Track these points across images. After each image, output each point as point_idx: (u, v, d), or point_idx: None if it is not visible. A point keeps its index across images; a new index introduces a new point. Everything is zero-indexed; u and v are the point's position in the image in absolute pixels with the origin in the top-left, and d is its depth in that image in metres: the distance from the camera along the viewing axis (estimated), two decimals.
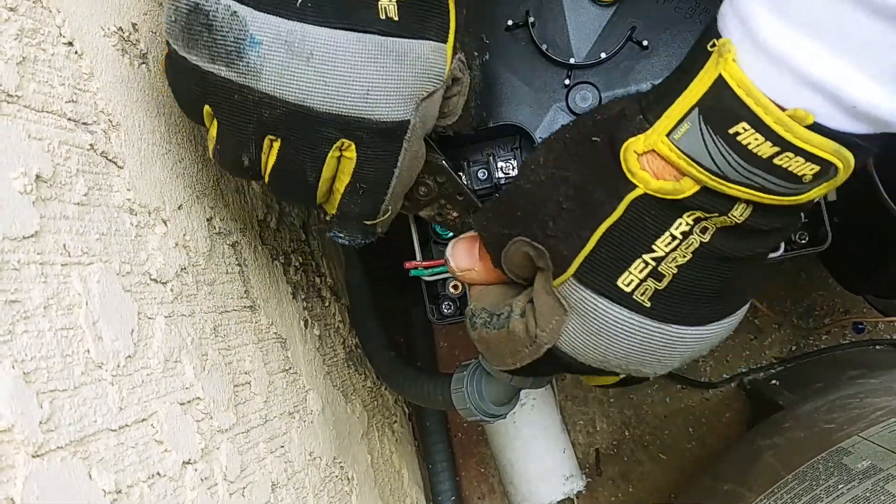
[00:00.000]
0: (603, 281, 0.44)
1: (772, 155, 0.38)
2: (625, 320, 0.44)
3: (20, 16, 0.42)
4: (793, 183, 0.39)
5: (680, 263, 0.43)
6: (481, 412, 0.67)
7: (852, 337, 1.19)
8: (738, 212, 0.41)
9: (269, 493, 0.60)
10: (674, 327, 0.45)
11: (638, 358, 0.46)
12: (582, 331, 0.46)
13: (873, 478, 0.61)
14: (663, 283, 0.43)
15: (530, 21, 0.65)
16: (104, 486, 0.40)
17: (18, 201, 0.38)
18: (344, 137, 0.49)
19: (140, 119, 0.53)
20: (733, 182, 0.39)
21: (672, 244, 0.42)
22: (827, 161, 0.37)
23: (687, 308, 0.44)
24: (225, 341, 0.59)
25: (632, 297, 0.44)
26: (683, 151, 0.40)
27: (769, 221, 0.42)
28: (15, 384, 0.35)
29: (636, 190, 0.42)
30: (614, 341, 0.45)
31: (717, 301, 0.45)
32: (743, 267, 0.44)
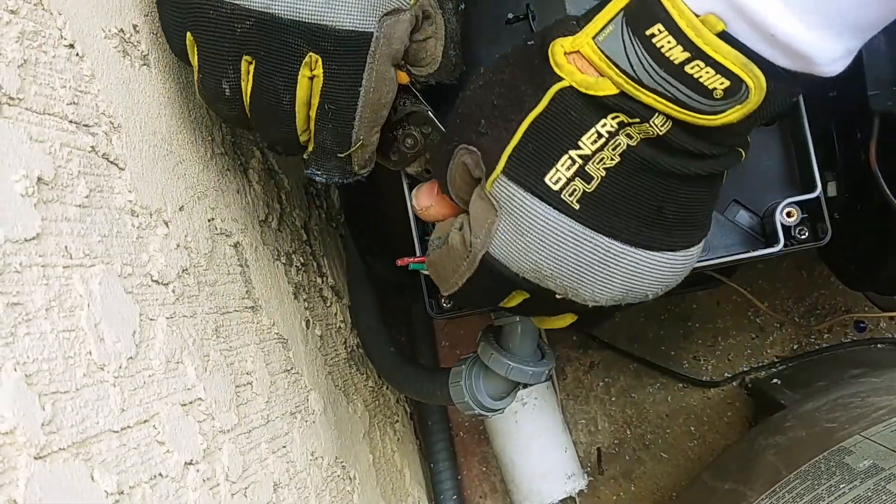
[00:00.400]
0: (530, 176, 0.44)
1: (683, 61, 0.39)
2: (552, 220, 0.44)
3: (21, 18, 0.42)
4: (704, 97, 0.39)
5: (608, 166, 0.43)
6: (479, 406, 0.67)
7: (854, 336, 1.18)
8: (659, 121, 0.41)
9: (271, 494, 0.60)
10: (606, 239, 0.44)
11: (571, 270, 0.45)
12: (511, 231, 0.45)
13: (875, 477, 0.61)
14: (592, 186, 0.43)
15: (531, 15, 0.65)
16: (106, 488, 0.40)
17: (20, 204, 0.38)
18: (311, 50, 0.50)
19: (141, 121, 0.53)
20: (648, 88, 0.40)
21: (598, 142, 0.43)
22: (736, 76, 0.38)
23: (620, 221, 0.44)
24: (226, 342, 0.59)
25: (559, 195, 0.44)
26: (604, 52, 0.41)
27: (695, 143, 0.42)
28: (17, 386, 0.35)
29: (561, 82, 0.43)
30: (543, 244, 0.45)
31: (656, 224, 0.45)
32: (682, 191, 0.44)
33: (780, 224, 0.62)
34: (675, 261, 0.46)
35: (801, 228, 0.64)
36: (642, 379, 1.23)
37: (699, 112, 0.40)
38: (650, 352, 1.21)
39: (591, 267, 0.45)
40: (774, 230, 0.62)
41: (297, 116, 0.53)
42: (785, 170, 0.66)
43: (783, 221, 0.63)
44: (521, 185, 0.44)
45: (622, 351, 1.22)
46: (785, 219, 0.63)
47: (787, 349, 1.20)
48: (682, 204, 0.45)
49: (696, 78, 0.39)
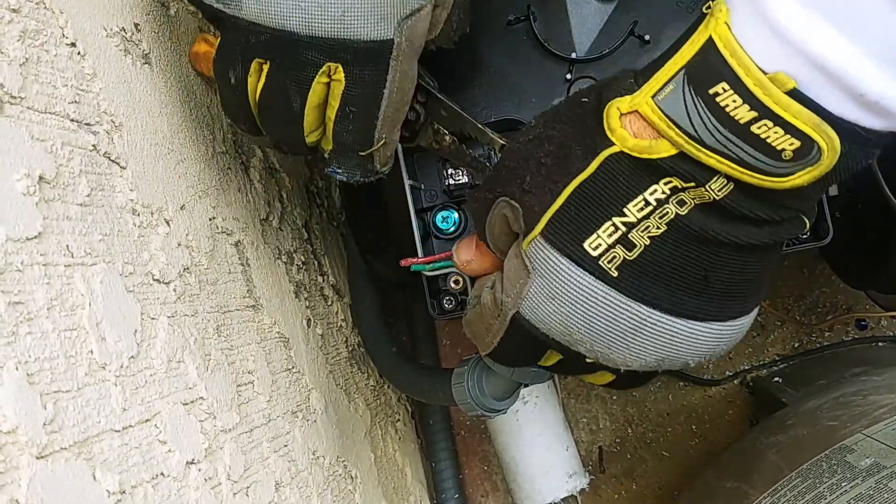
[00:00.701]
0: (568, 241, 0.42)
1: (749, 121, 0.36)
2: (587, 286, 0.42)
3: (23, 17, 0.42)
4: (771, 158, 0.37)
5: (653, 235, 0.41)
6: (482, 406, 0.67)
7: (855, 334, 1.18)
8: (717, 185, 0.39)
9: (272, 493, 0.60)
10: (643, 308, 0.42)
11: (603, 336, 0.43)
12: (543, 294, 0.44)
13: (876, 475, 0.61)
14: (633, 254, 0.41)
15: (532, 16, 0.65)
16: (108, 487, 0.40)
17: (21, 203, 0.38)
18: (329, 61, 0.49)
19: (142, 119, 0.53)
20: (710, 149, 0.38)
21: (645, 210, 0.40)
22: (808, 136, 0.36)
23: (660, 289, 0.42)
24: (228, 341, 0.59)
25: (598, 262, 0.42)
26: (664, 112, 0.39)
27: (754, 206, 0.39)
28: (19, 386, 0.35)
29: (612, 147, 0.41)
30: (575, 309, 0.43)
31: (702, 295, 0.42)
32: (732, 260, 0.41)
33: None
34: (721, 331, 0.44)
35: None
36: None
37: (765, 174, 0.38)
38: None
39: (624, 334, 0.43)
40: None
41: (306, 118, 0.53)
42: None
43: None
44: (558, 249, 0.43)
45: None
46: None
47: (788, 347, 1.20)
48: (732, 274, 0.42)
49: (763, 138, 0.36)
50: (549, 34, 0.65)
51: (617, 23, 0.64)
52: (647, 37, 0.64)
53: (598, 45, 0.65)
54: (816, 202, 0.42)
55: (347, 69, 0.50)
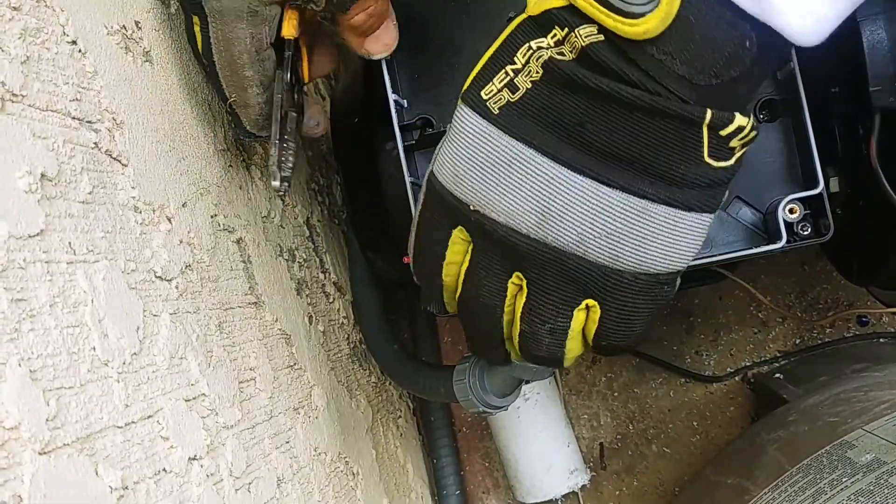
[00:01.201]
0: (473, 93, 0.46)
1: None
2: (471, 123, 0.46)
3: (24, 15, 0.42)
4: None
5: (534, 79, 0.44)
6: (483, 403, 0.67)
7: (856, 330, 1.18)
8: (585, 31, 0.41)
9: (274, 489, 0.60)
10: (518, 144, 0.45)
11: (481, 173, 0.46)
12: (447, 142, 0.48)
13: (877, 471, 0.61)
14: (516, 96, 0.44)
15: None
16: (111, 483, 0.40)
17: (23, 200, 0.39)
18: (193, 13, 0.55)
19: (144, 117, 0.54)
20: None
21: (528, 55, 0.44)
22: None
23: (534, 129, 0.44)
24: (230, 338, 0.59)
25: (486, 103, 0.45)
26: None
27: (616, 60, 0.41)
28: (21, 382, 0.35)
29: (522, 15, 0.44)
30: (462, 147, 0.46)
31: (577, 143, 0.44)
32: (608, 113, 0.42)
33: (782, 220, 0.62)
34: (615, 201, 0.44)
35: (803, 224, 0.64)
36: (644, 374, 1.23)
37: (620, 13, 0.39)
38: (652, 347, 1.22)
39: (499, 167, 0.45)
40: (777, 227, 0.62)
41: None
42: (787, 166, 0.67)
43: (786, 218, 0.63)
44: (465, 102, 0.46)
45: None
46: (787, 215, 0.63)
47: (789, 344, 1.20)
48: (613, 129, 0.43)
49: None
50: None
51: None
52: None
53: None
54: (715, 93, 0.42)
55: (200, 22, 0.55)
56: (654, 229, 0.44)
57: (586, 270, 0.46)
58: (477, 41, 0.67)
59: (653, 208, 0.44)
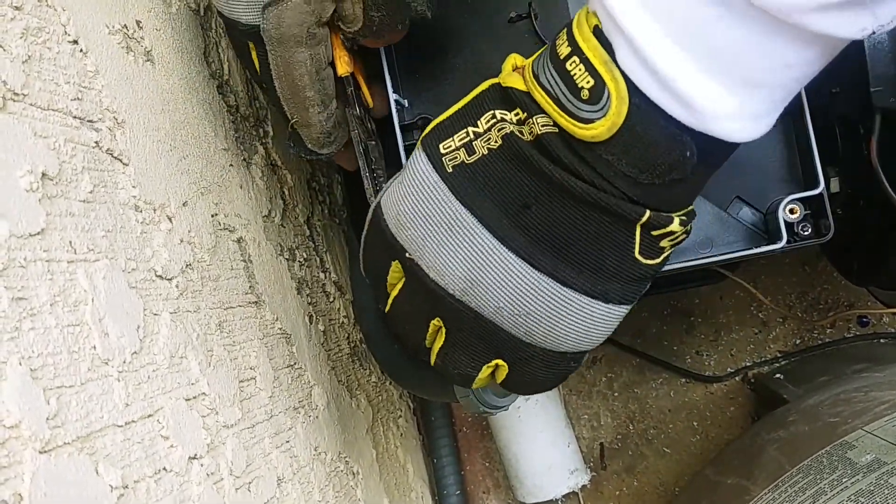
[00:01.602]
0: (431, 141, 0.48)
1: (565, 56, 0.41)
2: (423, 174, 0.47)
3: (25, 14, 0.42)
4: (574, 96, 0.41)
5: (491, 147, 0.45)
6: (484, 404, 0.67)
7: (857, 330, 1.18)
8: (542, 121, 0.43)
9: (274, 488, 0.60)
10: (461, 207, 0.46)
11: (420, 225, 0.47)
12: (397, 183, 0.49)
13: (877, 471, 0.62)
14: (472, 159, 0.46)
15: (533, 13, 0.65)
16: (111, 482, 0.40)
17: (24, 199, 0.39)
18: (247, 39, 0.56)
19: (145, 116, 0.54)
20: (541, 86, 0.42)
21: (490, 122, 0.45)
22: (600, 77, 0.39)
23: (481, 197, 0.46)
24: (230, 337, 0.59)
25: (442, 158, 0.46)
26: (533, 63, 0.44)
27: (565, 153, 0.42)
28: (22, 381, 0.35)
29: (495, 79, 0.46)
30: (409, 195, 0.47)
31: (519, 223, 0.45)
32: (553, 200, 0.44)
33: (783, 221, 0.62)
34: (537, 284, 0.46)
35: (804, 225, 0.64)
36: (645, 374, 1.23)
37: (573, 117, 0.41)
38: (653, 347, 1.22)
39: (439, 227, 0.47)
40: (777, 227, 0.62)
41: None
42: (788, 166, 0.67)
43: (786, 218, 0.63)
44: (423, 149, 0.48)
45: (625, 346, 1.22)
46: (788, 215, 0.63)
47: (789, 344, 1.20)
48: (554, 217, 0.44)
49: (571, 75, 0.41)
50: (551, 31, 0.65)
51: None
52: None
53: None
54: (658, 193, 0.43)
55: (256, 48, 0.56)
56: (570, 315, 0.46)
57: (500, 338, 0.49)
58: (478, 40, 0.67)
59: (573, 296, 0.46)
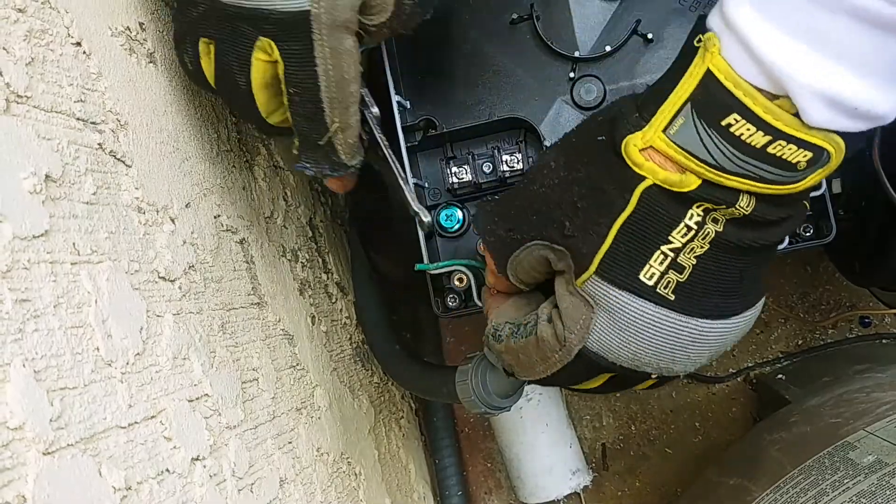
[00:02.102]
0: (625, 275, 0.45)
1: (765, 144, 0.39)
2: (650, 314, 0.45)
3: (29, 17, 0.42)
4: (788, 171, 0.40)
5: (699, 254, 0.44)
6: (486, 404, 0.67)
7: (859, 331, 1.18)
8: (744, 202, 0.42)
9: (277, 489, 0.60)
10: (700, 321, 0.45)
11: (669, 354, 0.46)
12: (610, 327, 0.46)
13: (879, 472, 0.62)
14: (685, 276, 0.44)
15: (535, 15, 0.65)
16: (114, 483, 0.40)
17: (28, 201, 0.39)
18: (260, 35, 0.50)
19: (148, 118, 0.54)
20: (731, 173, 0.41)
21: (688, 234, 0.43)
22: (819, 147, 0.39)
23: (711, 301, 0.45)
24: (233, 338, 0.59)
25: (655, 290, 0.44)
26: (680, 146, 0.41)
27: (775, 211, 0.43)
28: (26, 382, 0.35)
29: (645, 181, 0.43)
30: (642, 336, 0.45)
31: (737, 294, 0.46)
32: (757, 257, 0.45)
33: None
34: (748, 317, 0.48)
35: (805, 226, 0.64)
36: None
37: (782, 185, 0.41)
38: None
39: (685, 347, 0.46)
40: None
41: (257, 98, 0.54)
42: None
43: None
44: (616, 284, 0.45)
45: None
46: None
47: (791, 345, 1.20)
48: (757, 270, 0.46)
49: (779, 157, 0.39)
50: (553, 33, 0.65)
51: (620, 21, 0.65)
52: (650, 35, 0.64)
53: (601, 43, 0.65)
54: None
55: (279, 45, 0.50)
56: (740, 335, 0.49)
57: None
58: (480, 42, 0.68)
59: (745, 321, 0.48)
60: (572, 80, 0.66)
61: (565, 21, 0.65)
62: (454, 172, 0.68)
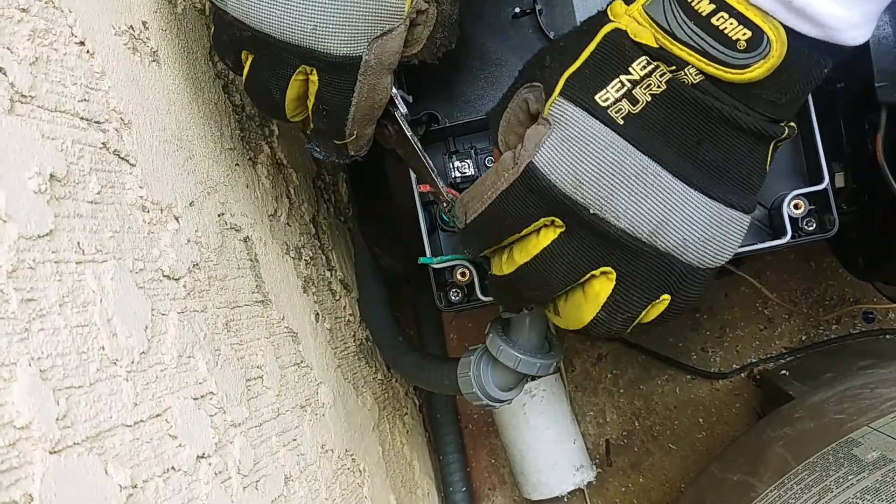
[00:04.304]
0: (583, 94, 0.48)
1: (709, 13, 0.43)
2: (597, 131, 0.47)
3: (32, 16, 0.42)
4: (728, 48, 0.43)
5: (654, 93, 0.47)
6: (487, 397, 0.67)
7: (862, 327, 1.18)
8: (693, 71, 0.45)
9: (282, 486, 0.60)
10: (645, 158, 0.47)
11: (608, 180, 0.48)
12: (559, 141, 0.48)
13: (883, 468, 0.62)
14: (637, 108, 0.47)
15: (537, 8, 0.65)
16: (120, 482, 0.40)
17: (33, 201, 0.39)
18: (304, 64, 0.53)
19: (151, 117, 0.54)
20: (680, 41, 0.45)
21: (647, 68, 0.47)
22: (757, 27, 0.42)
23: (660, 144, 0.47)
24: (237, 336, 0.60)
25: (606, 111, 0.47)
26: (648, 14, 0.46)
27: (726, 98, 0.46)
28: (32, 382, 0.36)
29: (613, 23, 0.48)
30: (585, 152, 0.48)
31: (695, 160, 0.47)
32: (722, 133, 0.47)
33: (787, 216, 0.62)
34: (713, 212, 0.48)
35: (808, 220, 0.64)
36: (650, 371, 1.23)
37: (726, 65, 0.44)
38: (658, 344, 1.22)
39: (627, 180, 0.47)
40: (782, 222, 0.62)
41: (287, 107, 0.57)
42: (792, 161, 0.67)
43: (791, 213, 0.63)
44: (574, 102, 0.48)
45: (630, 343, 1.22)
46: (792, 211, 0.63)
47: (795, 340, 1.20)
48: (721, 148, 0.47)
49: (721, 29, 0.43)
50: (555, 27, 0.65)
51: None
52: None
53: None
54: (789, 108, 0.47)
55: (321, 75, 0.54)
56: (733, 233, 0.49)
57: (679, 271, 0.50)
58: (482, 36, 0.68)
59: (736, 216, 0.49)
60: None
61: (567, 15, 0.65)
62: (457, 167, 0.68)
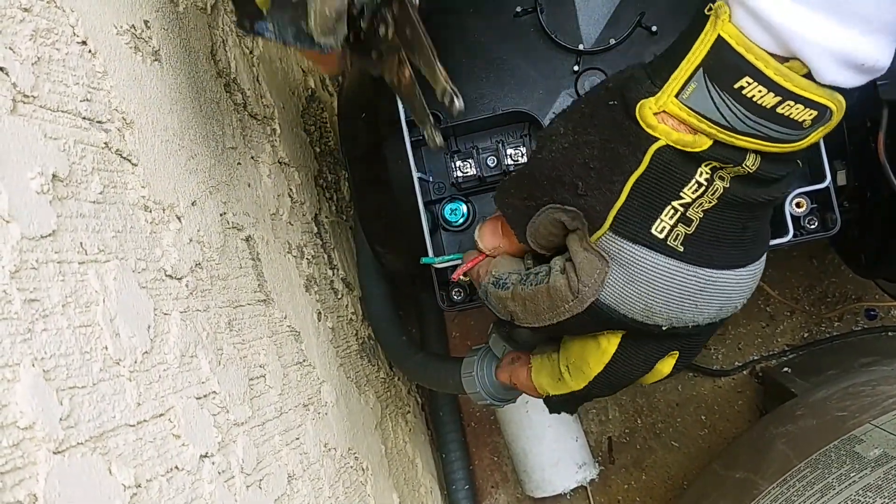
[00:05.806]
0: (638, 230, 0.47)
1: (774, 104, 0.42)
2: (662, 265, 0.47)
3: (34, 16, 0.42)
4: (794, 129, 0.43)
5: (706, 209, 0.46)
6: (490, 396, 0.68)
7: (865, 324, 1.18)
8: (751, 161, 0.44)
9: (285, 485, 0.60)
10: (707, 270, 0.48)
11: (678, 303, 0.48)
12: (623, 280, 0.48)
13: (885, 465, 0.62)
14: (692, 228, 0.47)
15: (539, 7, 0.65)
16: (124, 481, 0.40)
17: (36, 201, 0.39)
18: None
19: (153, 116, 0.54)
20: (741, 133, 0.43)
21: (699, 191, 0.46)
22: (824, 105, 0.42)
23: (716, 252, 0.48)
24: (239, 335, 0.60)
25: (665, 242, 0.47)
26: (693, 109, 0.44)
27: (777, 168, 0.45)
28: (35, 382, 0.36)
29: (658, 142, 0.45)
30: (654, 287, 0.48)
31: (741, 246, 0.48)
32: (759, 213, 0.48)
33: (789, 214, 0.62)
34: (753, 272, 0.50)
35: (810, 218, 0.64)
36: None
37: (787, 142, 0.43)
38: None
39: (694, 296, 0.48)
40: (784, 220, 0.62)
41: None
42: None
43: (792, 212, 0.63)
44: (629, 239, 0.47)
45: None
46: (794, 209, 0.63)
47: (797, 338, 1.20)
48: (760, 221, 0.49)
49: (787, 116, 0.42)
50: (557, 26, 0.65)
51: (624, 14, 0.65)
52: (654, 28, 0.64)
53: (605, 36, 0.65)
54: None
55: None
56: (749, 293, 0.51)
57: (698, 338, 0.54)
58: (483, 35, 0.67)
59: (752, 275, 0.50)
60: (576, 74, 0.66)
61: (569, 14, 0.65)
62: (458, 166, 0.68)
